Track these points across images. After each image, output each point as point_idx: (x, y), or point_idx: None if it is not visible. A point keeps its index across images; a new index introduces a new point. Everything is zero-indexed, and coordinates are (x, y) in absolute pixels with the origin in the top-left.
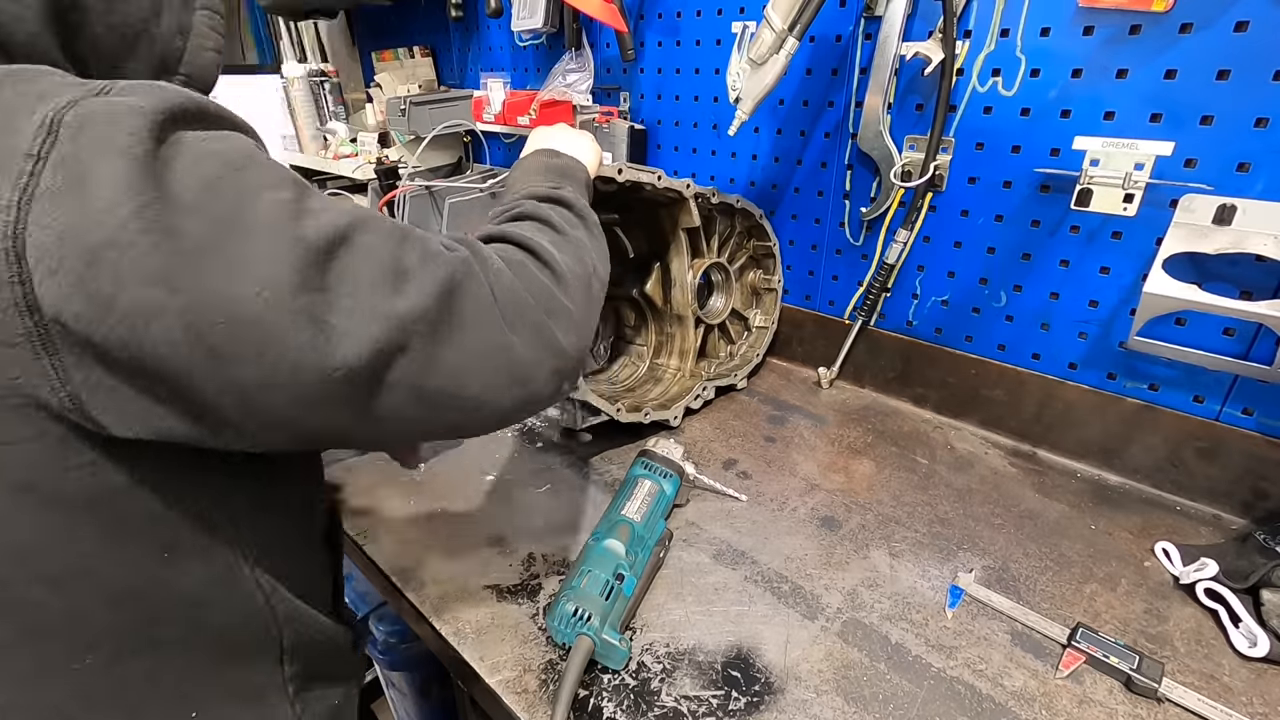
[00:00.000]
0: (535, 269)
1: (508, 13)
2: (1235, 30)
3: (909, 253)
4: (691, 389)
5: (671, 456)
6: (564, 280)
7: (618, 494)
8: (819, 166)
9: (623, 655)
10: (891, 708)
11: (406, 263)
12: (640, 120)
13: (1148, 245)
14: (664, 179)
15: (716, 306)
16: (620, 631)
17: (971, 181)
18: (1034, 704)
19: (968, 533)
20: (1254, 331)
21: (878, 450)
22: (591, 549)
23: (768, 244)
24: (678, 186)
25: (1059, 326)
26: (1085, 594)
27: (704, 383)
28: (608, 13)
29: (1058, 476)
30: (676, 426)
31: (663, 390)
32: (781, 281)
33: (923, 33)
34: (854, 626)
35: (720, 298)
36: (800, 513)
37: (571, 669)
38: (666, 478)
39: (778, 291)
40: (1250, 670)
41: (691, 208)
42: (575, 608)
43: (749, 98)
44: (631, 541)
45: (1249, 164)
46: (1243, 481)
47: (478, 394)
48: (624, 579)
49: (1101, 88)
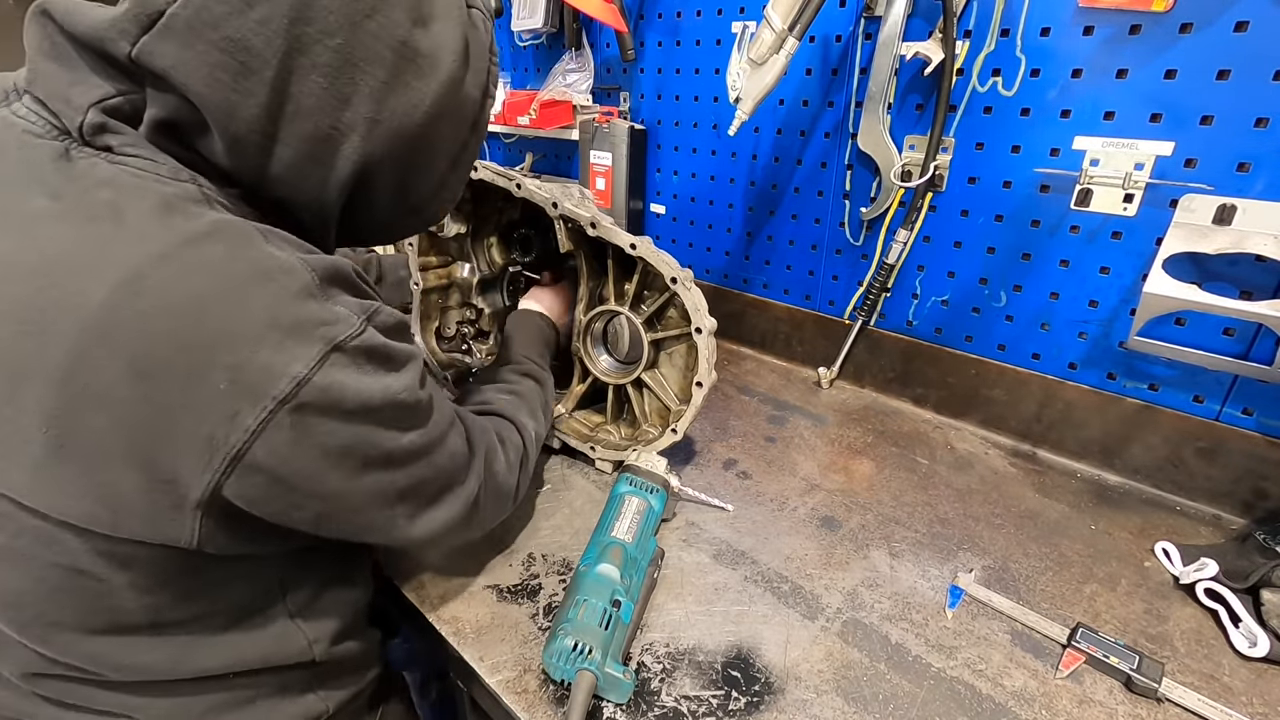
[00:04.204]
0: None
1: (508, 13)
2: (1235, 30)
3: (909, 253)
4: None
5: (656, 470)
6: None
7: (604, 513)
8: (819, 166)
9: (627, 688)
10: (891, 708)
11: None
12: (640, 120)
13: (1148, 245)
14: (524, 188)
15: (601, 362)
16: (622, 662)
17: (971, 181)
18: (1034, 704)
19: (968, 533)
20: (1254, 331)
21: (878, 450)
22: (584, 576)
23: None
24: (537, 201)
25: (1059, 326)
26: (1085, 594)
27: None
28: (608, 13)
29: (1058, 476)
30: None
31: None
32: (703, 389)
33: (923, 33)
34: (854, 626)
35: (606, 356)
36: (800, 513)
37: (575, 708)
38: (653, 493)
39: (694, 399)
40: (1250, 670)
41: (559, 229)
42: (575, 642)
43: (749, 98)
44: (625, 564)
45: (1249, 164)
46: (1243, 481)
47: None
48: (621, 605)
49: (1101, 88)
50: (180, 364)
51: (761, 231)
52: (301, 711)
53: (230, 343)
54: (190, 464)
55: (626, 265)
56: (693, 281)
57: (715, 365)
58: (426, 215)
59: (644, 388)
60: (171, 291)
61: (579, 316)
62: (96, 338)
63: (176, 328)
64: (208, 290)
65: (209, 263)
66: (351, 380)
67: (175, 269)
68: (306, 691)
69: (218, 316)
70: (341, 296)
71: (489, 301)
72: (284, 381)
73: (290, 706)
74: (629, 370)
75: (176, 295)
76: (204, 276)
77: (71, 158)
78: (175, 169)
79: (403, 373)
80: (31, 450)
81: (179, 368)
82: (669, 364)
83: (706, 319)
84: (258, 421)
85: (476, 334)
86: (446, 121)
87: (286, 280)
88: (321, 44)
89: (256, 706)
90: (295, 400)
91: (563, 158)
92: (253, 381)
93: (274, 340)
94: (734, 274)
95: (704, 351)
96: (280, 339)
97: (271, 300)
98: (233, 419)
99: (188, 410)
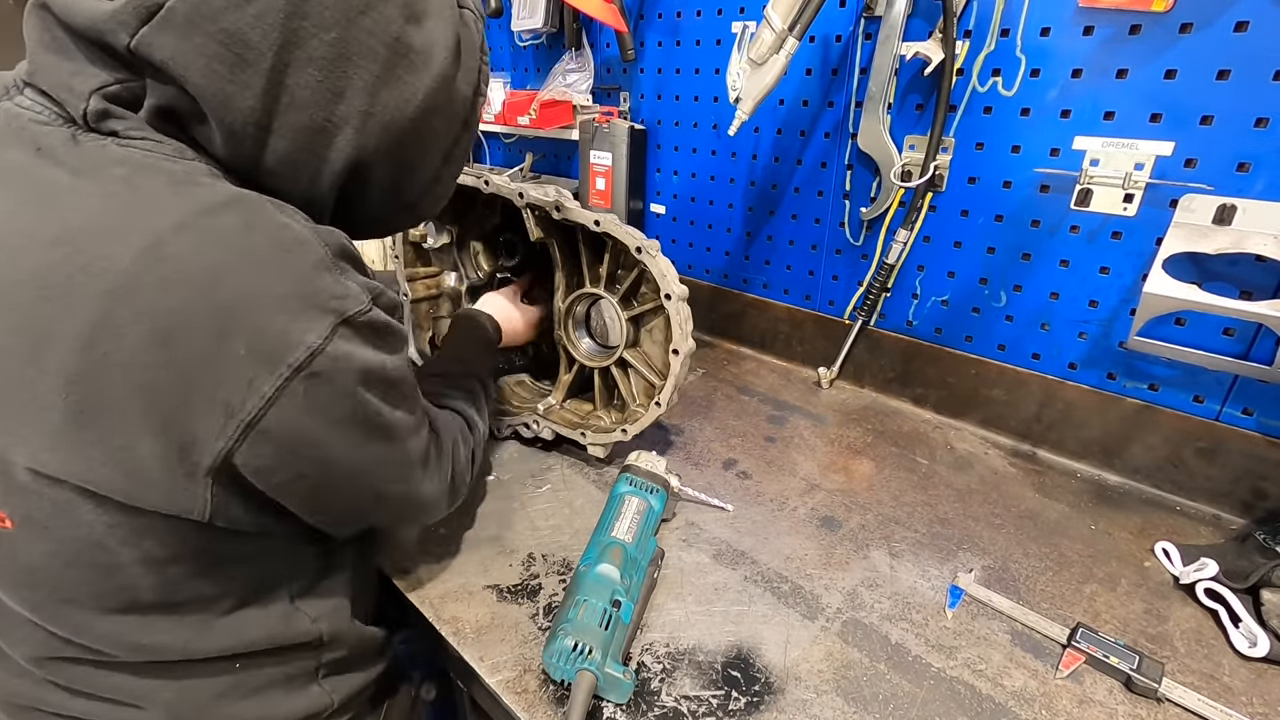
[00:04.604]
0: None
1: (508, 13)
2: (1235, 30)
3: (909, 253)
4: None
5: (656, 470)
6: (476, 465)
7: (604, 513)
8: (819, 166)
9: (627, 688)
10: (891, 708)
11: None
12: (640, 120)
13: (1148, 245)
14: (492, 184)
15: (583, 346)
16: (622, 662)
17: (971, 181)
18: (1034, 704)
19: (968, 533)
20: (1254, 331)
21: (878, 450)
22: (584, 576)
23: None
24: (504, 194)
25: (1059, 326)
26: (1085, 594)
27: (536, 416)
28: (608, 13)
29: (1058, 476)
30: (501, 437)
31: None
32: (680, 356)
33: (923, 33)
34: (854, 626)
35: (588, 340)
36: (800, 513)
37: (576, 708)
38: (653, 493)
39: (673, 368)
40: (1250, 670)
41: (527, 219)
42: (575, 642)
43: (749, 98)
44: (625, 564)
45: (1249, 164)
46: (1243, 481)
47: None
48: (621, 605)
49: (1101, 88)
50: (200, 330)
51: (761, 231)
52: (307, 704)
53: (249, 310)
54: (206, 430)
55: (597, 247)
56: (658, 250)
57: (715, 365)
58: (419, 211)
59: (628, 368)
60: (191, 260)
61: (558, 304)
62: (121, 301)
63: (196, 295)
64: (226, 259)
65: (226, 231)
66: (358, 353)
67: (194, 238)
68: (311, 683)
69: (236, 285)
70: (351, 273)
71: None
72: (300, 350)
73: (297, 699)
74: (611, 352)
75: (196, 264)
76: (222, 245)
77: (79, 142)
78: (180, 149)
79: (399, 353)
80: (51, 417)
81: (199, 334)
82: (650, 340)
83: (675, 285)
84: (274, 389)
85: None
86: (438, 117)
87: (303, 252)
88: (317, 38)
89: (263, 697)
90: (309, 369)
91: (563, 158)
92: (270, 349)
93: (291, 309)
94: (734, 274)
95: (676, 318)
96: (298, 308)
97: (290, 271)
98: (249, 384)
99: (206, 376)
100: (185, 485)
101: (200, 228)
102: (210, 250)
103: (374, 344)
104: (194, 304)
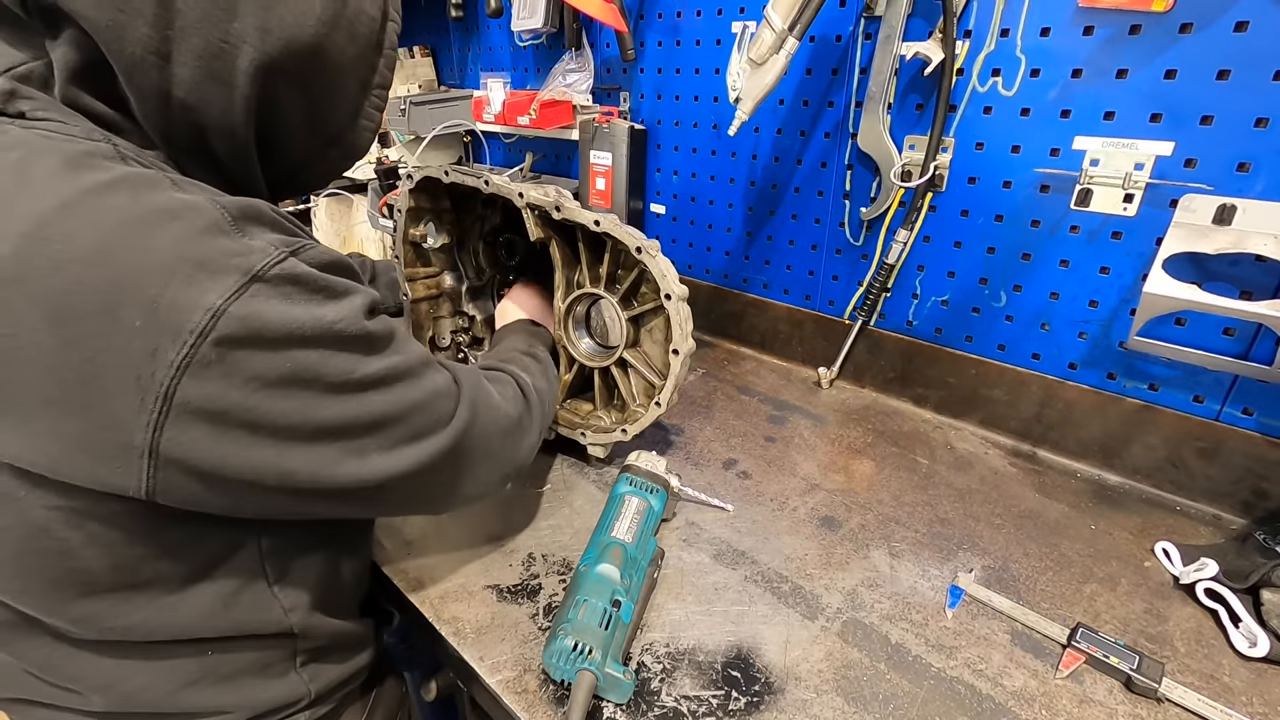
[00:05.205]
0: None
1: (508, 13)
2: (1235, 30)
3: (909, 253)
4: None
5: (656, 470)
6: (532, 417)
7: (604, 513)
8: (819, 166)
9: (627, 688)
10: (891, 708)
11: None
12: (640, 120)
13: (1148, 245)
14: (492, 184)
15: (582, 346)
16: (622, 662)
17: (971, 181)
18: (1034, 704)
19: (968, 533)
20: (1254, 331)
21: (878, 450)
22: (584, 576)
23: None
24: (504, 194)
25: (1059, 326)
26: (1085, 594)
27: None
28: (608, 13)
29: (1058, 476)
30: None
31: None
32: (680, 356)
33: (923, 33)
34: (854, 626)
35: (587, 340)
36: (800, 512)
37: (576, 708)
38: (653, 493)
39: (673, 368)
40: (1250, 670)
41: (527, 219)
42: (574, 642)
43: (749, 98)
44: (625, 564)
45: (1249, 164)
46: (1243, 481)
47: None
48: (621, 605)
49: (1101, 88)
50: (93, 306)
51: (761, 231)
52: (285, 692)
53: (137, 281)
54: (124, 406)
55: (598, 247)
56: (658, 250)
57: (715, 365)
58: (346, 146)
59: (628, 368)
60: (78, 238)
61: (558, 304)
62: (13, 287)
63: (85, 271)
64: (112, 233)
65: (112, 208)
66: (274, 310)
67: (79, 217)
68: (288, 671)
69: (123, 257)
70: (257, 231)
71: (481, 309)
72: (198, 314)
73: (274, 686)
74: (611, 352)
75: (83, 241)
76: (109, 221)
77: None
78: (89, 129)
79: (340, 304)
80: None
81: (93, 310)
82: (650, 340)
83: (675, 285)
84: (180, 356)
85: (471, 341)
86: (341, 34)
87: (192, 217)
88: None
89: (237, 684)
90: (215, 333)
91: (563, 158)
92: (166, 317)
93: (184, 274)
94: (734, 274)
95: (676, 318)
96: (190, 273)
97: (177, 237)
98: (153, 356)
99: (109, 352)
100: (118, 464)
101: (87, 206)
102: (97, 227)
103: (301, 298)
104: (84, 280)
